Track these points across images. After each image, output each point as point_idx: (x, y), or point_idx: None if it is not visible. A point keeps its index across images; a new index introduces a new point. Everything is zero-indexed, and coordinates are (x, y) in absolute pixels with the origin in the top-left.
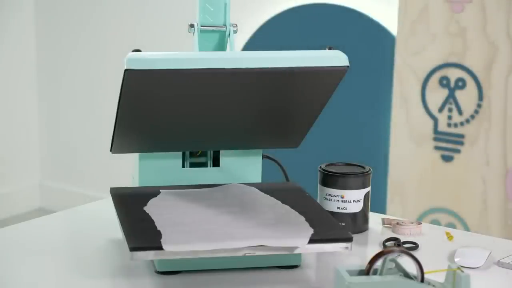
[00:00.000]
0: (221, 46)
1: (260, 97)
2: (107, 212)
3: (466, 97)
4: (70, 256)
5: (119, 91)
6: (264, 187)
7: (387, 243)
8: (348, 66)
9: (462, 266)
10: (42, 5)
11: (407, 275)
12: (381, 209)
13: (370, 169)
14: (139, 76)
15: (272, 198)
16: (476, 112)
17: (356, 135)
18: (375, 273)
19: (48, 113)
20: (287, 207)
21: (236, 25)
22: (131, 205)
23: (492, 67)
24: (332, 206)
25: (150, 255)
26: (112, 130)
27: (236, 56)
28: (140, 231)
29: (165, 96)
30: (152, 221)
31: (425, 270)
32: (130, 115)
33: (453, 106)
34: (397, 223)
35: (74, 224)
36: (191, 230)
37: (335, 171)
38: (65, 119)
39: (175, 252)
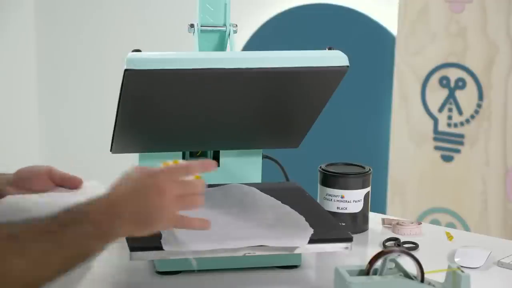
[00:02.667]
0: (221, 46)
1: (260, 97)
2: None
3: (466, 97)
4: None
5: (119, 91)
6: (264, 187)
7: (387, 243)
8: (348, 66)
9: (462, 266)
10: (42, 5)
11: (407, 275)
12: (381, 209)
13: (370, 169)
14: (139, 76)
15: (272, 198)
16: (476, 112)
17: (356, 135)
18: (375, 273)
19: (48, 113)
20: (287, 207)
21: (236, 25)
22: None
23: (492, 67)
24: (332, 206)
25: (150, 255)
26: (112, 130)
27: (236, 56)
28: None
29: (165, 96)
30: None
31: (425, 270)
32: (130, 115)
33: (453, 106)
34: (397, 223)
35: None
36: (191, 230)
37: (335, 171)
38: (65, 119)
39: (175, 252)
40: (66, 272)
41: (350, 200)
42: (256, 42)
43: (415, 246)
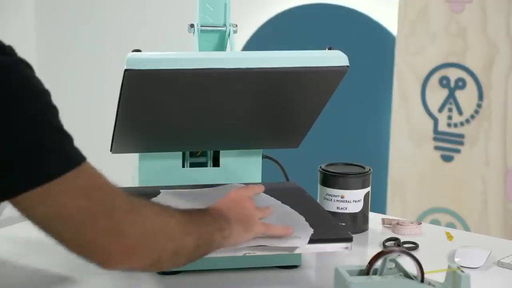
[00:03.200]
0: (221, 46)
1: (261, 97)
2: None
3: (466, 97)
4: (70, 256)
5: (119, 91)
6: (264, 187)
7: (387, 243)
8: (348, 66)
9: (462, 266)
10: (42, 5)
11: (407, 275)
12: (381, 209)
13: (370, 169)
14: (139, 76)
15: (272, 198)
16: (476, 112)
17: (356, 135)
18: (375, 273)
19: None
20: (287, 207)
21: (236, 25)
22: None
23: (492, 67)
24: (332, 206)
25: None
26: (112, 130)
27: (236, 56)
28: None
29: (165, 96)
30: None
31: (425, 270)
32: (130, 115)
33: (453, 106)
34: (397, 223)
35: None
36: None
37: (335, 171)
38: (65, 119)
39: None
40: (200, 257)
41: (350, 200)
42: (256, 42)
43: (415, 246)
